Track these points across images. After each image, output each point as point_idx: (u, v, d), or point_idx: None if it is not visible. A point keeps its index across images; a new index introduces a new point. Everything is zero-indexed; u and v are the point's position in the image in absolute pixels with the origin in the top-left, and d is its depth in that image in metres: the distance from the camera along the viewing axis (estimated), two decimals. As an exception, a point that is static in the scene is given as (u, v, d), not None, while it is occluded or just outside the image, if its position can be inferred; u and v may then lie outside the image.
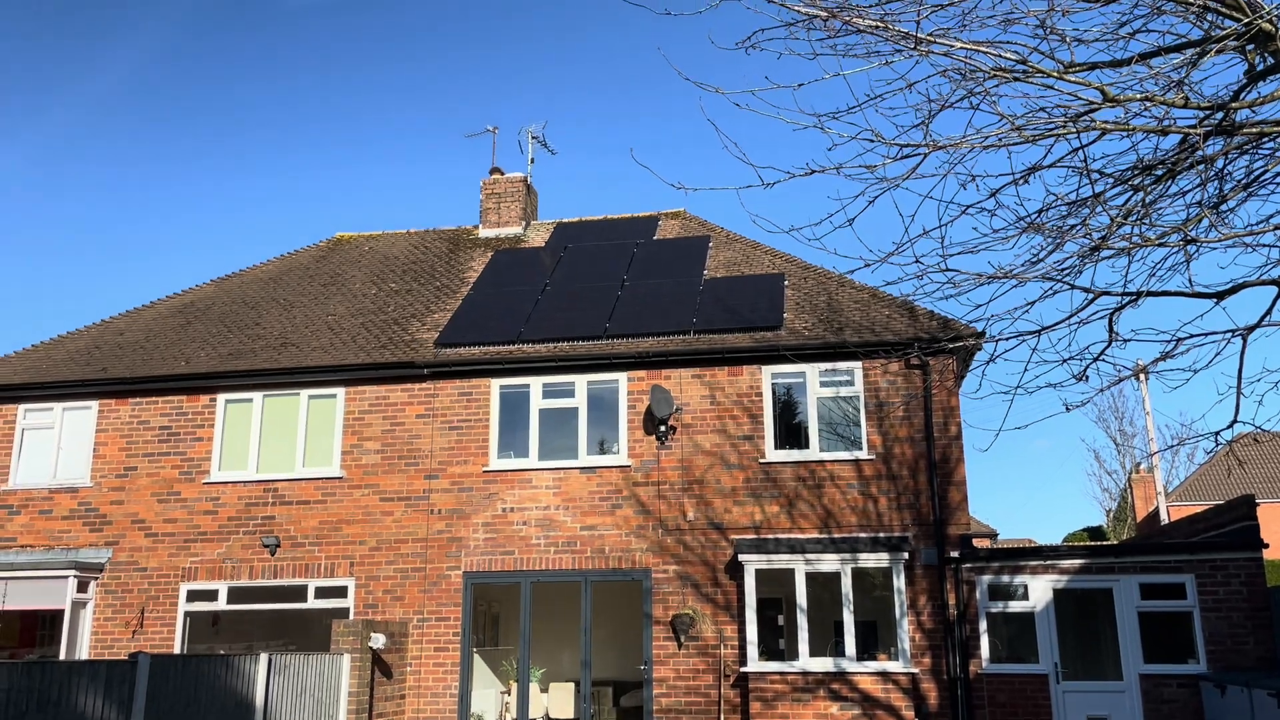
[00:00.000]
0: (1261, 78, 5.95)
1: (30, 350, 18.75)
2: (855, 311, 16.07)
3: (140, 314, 19.66)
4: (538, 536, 15.34)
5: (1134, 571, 13.66)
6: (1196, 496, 40.03)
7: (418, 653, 15.21)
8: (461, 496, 15.67)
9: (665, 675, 14.56)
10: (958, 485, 14.58)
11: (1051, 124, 5.93)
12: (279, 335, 17.74)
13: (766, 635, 15.00)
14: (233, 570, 15.93)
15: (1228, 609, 13.22)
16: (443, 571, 15.46)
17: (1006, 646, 14.03)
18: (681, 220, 20.43)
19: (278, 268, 20.87)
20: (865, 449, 14.88)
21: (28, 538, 16.61)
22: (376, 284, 19.44)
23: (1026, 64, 5.84)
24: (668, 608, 14.78)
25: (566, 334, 16.24)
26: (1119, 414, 52.24)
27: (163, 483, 16.50)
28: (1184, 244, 6.37)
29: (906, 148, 6.13)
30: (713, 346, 15.46)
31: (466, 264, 19.79)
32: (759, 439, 15.16)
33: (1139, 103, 5.83)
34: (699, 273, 17.73)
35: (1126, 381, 8.94)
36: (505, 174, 21.49)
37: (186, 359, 17.27)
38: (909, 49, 5.80)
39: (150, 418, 16.83)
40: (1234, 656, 13.04)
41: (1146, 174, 6.42)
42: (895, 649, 14.02)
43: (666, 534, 15.05)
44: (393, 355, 16.42)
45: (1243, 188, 6.47)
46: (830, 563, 14.15)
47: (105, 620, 16.05)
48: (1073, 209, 6.55)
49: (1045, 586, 13.89)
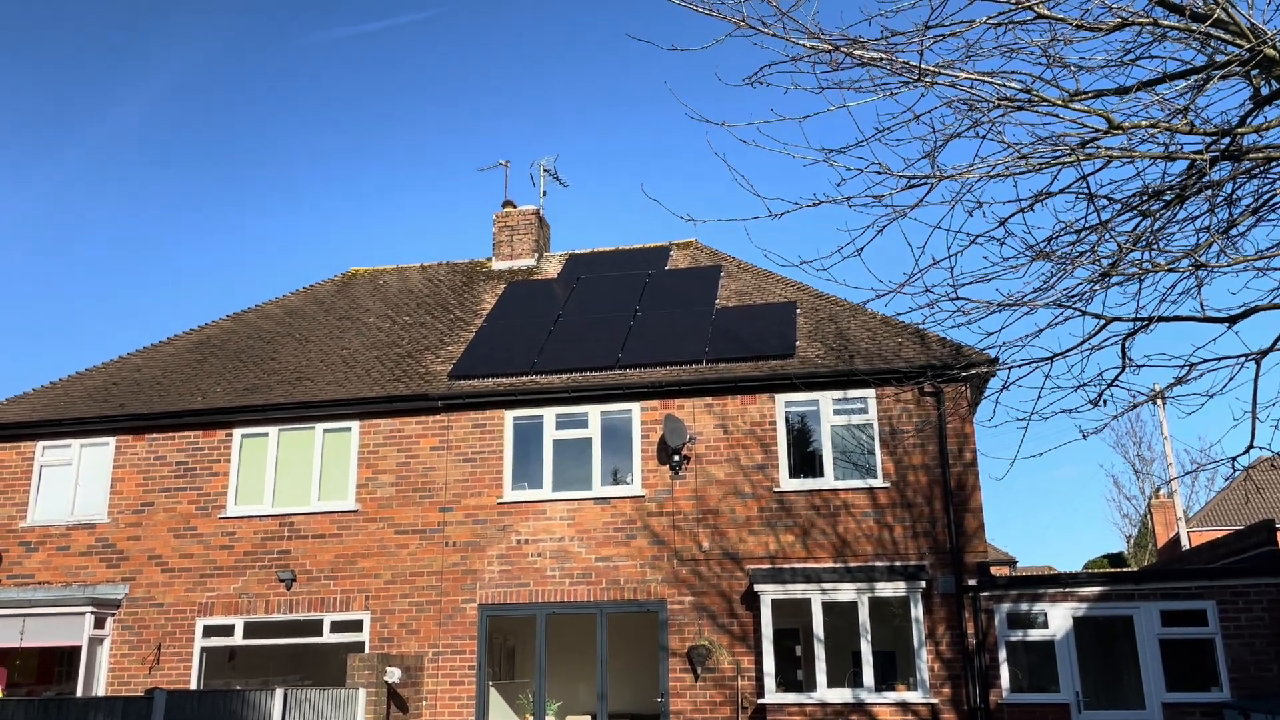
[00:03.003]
0: (1267, 102, 5.96)
1: (48, 387, 18.92)
2: (867, 339, 16.06)
3: (157, 350, 19.81)
4: (552, 568, 15.31)
5: (1155, 598, 13.52)
6: (1217, 521, 39.58)
7: (433, 686, 15.15)
8: (476, 529, 15.67)
9: (682, 708, 14.45)
10: (974, 513, 14.49)
11: (1057, 152, 5.96)
12: (294, 369, 17.85)
13: (784, 666, 14.88)
14: (249, 605, 15.94)
15: (1250, 635, 13.06)
16: (458, 604, 15.43)
17: (1027, 675, 13.88)
18: (693, 250, 20.50)
19: (293, 302, 21.03)
20: (880, 477, 14.81)
21: (45, 574, 16.67)
22: (391, 317, 19.55)
23: (1031, 93, 5.87)
24: (684, 639, 14.70)
25: (580, 365, 16.27)
26: (1137, 439, 51.80)
27: (179, 518, 16.56)
28: (1194, 269, 6.36)
29: (914, 179, 6.16)
30: (725, 376, 15.47)
31: (480, 296, 19.89)
32: (772, 468, 15.12)
33: (1144, 129, 5.85)
34: (711, 302, 17.77)
35: (1144, 406, 8.91)
36: (517, 207, 21.64)
37: (203, 394, 17.39)
38: (914, 81, 5.84)
39: (167, 453, 16.92)
40: (1258, 684, 12.86)
41: (1154, 200, 6.43)
42: (914, 679, 13.88)
43: (681, 564, 14.99)
44: (407, 388, 16.48)
45: (1252, 212, 6.47)
46: (847, 592, 14.05)
47: (122, 656, 16.06)
48: (1081, 235, 6.56)
49: (1065, 614, 13.76)
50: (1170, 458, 29.95)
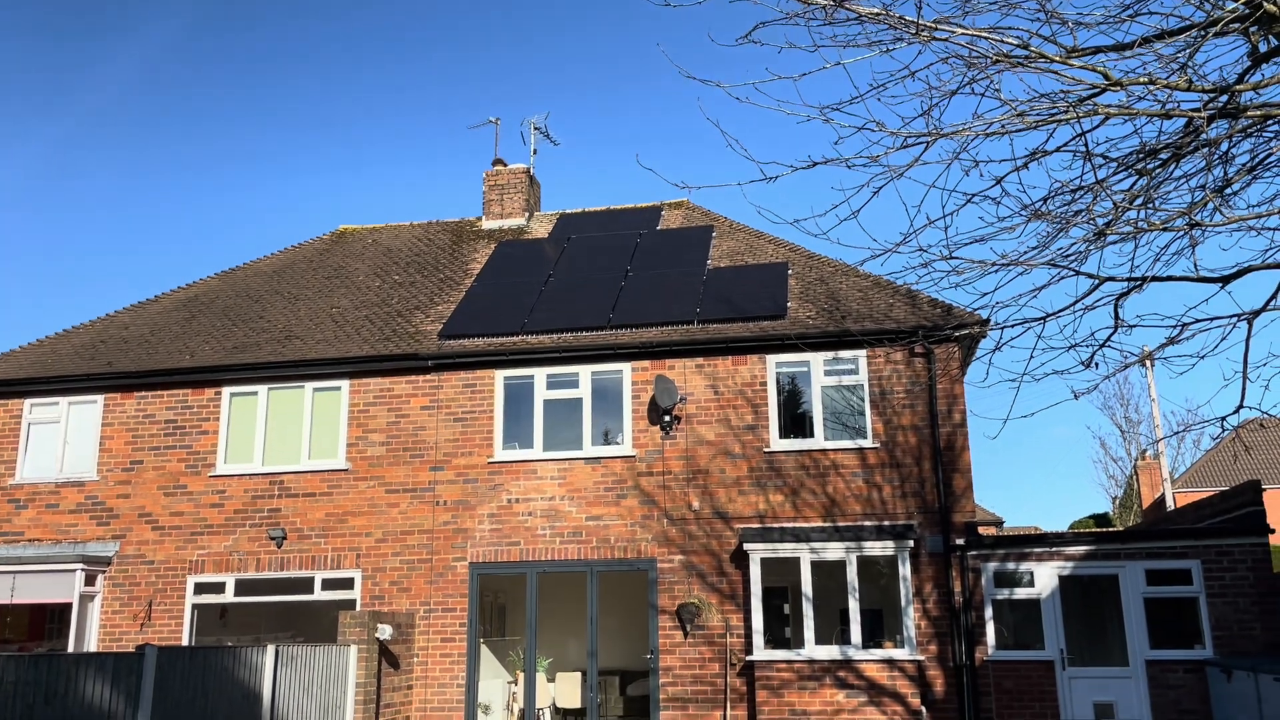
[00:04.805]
0: (1265, 60, 5.91)
1: (36, 345, 18.80)
2: (858, 300, 16.04)
3: (145, 308, 19.68)
4: (543, 527, 15.37)
5: (1140, 558, 13.65)
6: (1202, 483, 39.95)
7: (424, 643, 15.25)
8: (467, 488, 15.70)
9: (671, 664, 14.59)
10: (962, 473, 14.57)
11: (1054, 109, 5.91)
12: (283, 328, 17.76)
13: (772, 624, 15.01)
14: (239, 563, 15.98)
15: (1234, 594, 13.21)
16: (449, 563, 15.50)
17: (1012, 633, 14.03)
18: (685, 210, 20.40)
19: (282, 261, 20.88)
20: (869, 437, 14.87)
21: (35, 531, 16.67)
22: (380, 276, 19.44)
23: (1029, 49, 5.81)
24: (673, 597, 14.81)
25: (570, 325, 16.24)
26: (1125, 401, 52.06)
27: (169, 476, 16.55)
28: (1189, 228, 6.34)
29: (910, 137, 6.10)
30: (716, 336, 15.46)
31: (470, 256, 19.78)
32: (763, 428, 15.16)
33: (1142, 86, 5.79)
34: (702, 263, 17.71)
35: (1132, 368, 8.93)
36: (508, 165, 21.46)
37: (191, 352, 17.30)
38: (911, 36, 5.77)
39: (156, 411, 16.87)
40: (1240, 642, 13.03)
41: (1150, 158, 6.39)
42: (901, 637, 14.03)
43: (671, 524, 15.06)
44: (397, 347, 16.43)
45: (1247, 171, 6.43)
46: (835, 551, 14.16)
47: (113, 613, 16.12)
48: (1077, 195, 6.52)
49: (1051, 573, 13.89)
50: (1157, 419, 30.16)
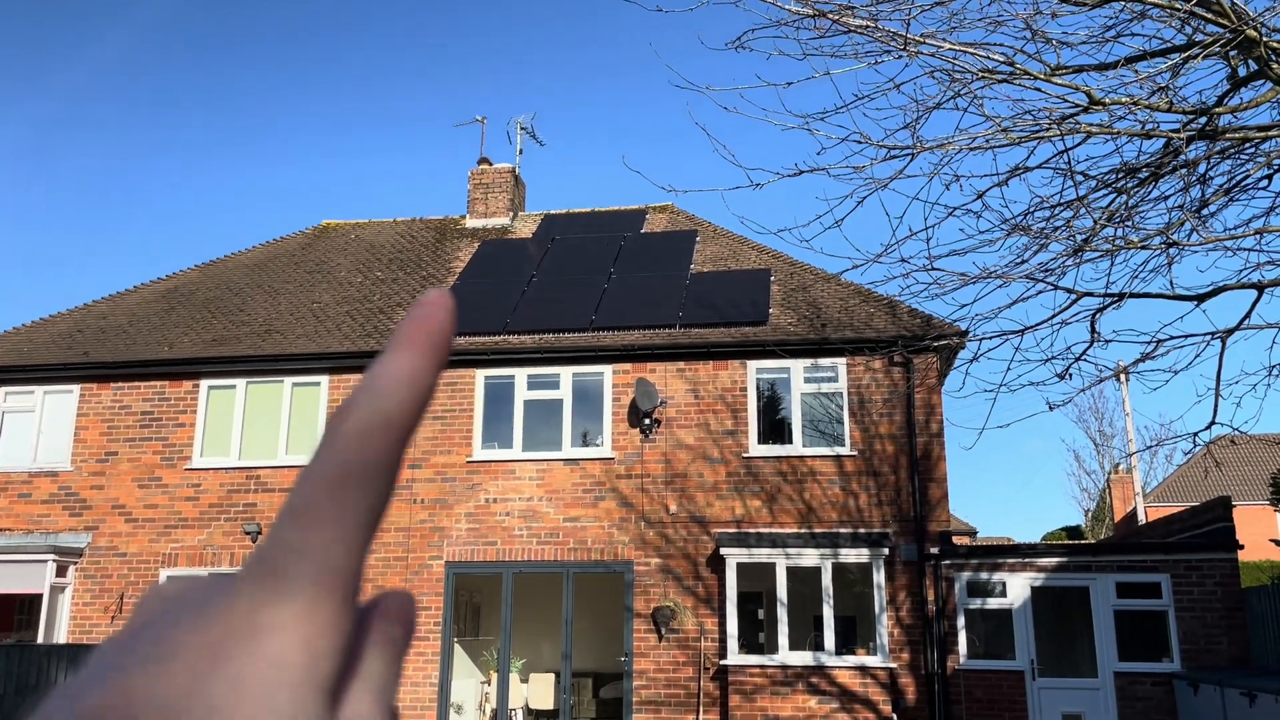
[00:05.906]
0: (1244, 83, 6.02)
1: (11, 333, 18.62)
2: (839, 309, 16.13)
3: (124, 298, 19.54)
4: (520, 528, 15.36)
5: (1111, 570, 13.78)
6: (1174, 498, 40.27)
7: (398, 642, 15.18)
8: (444, 486, 15.67)
9: (645, 667, 14.61)
10: (938, 482, 14.68)
11: (1037, 126, 5.99)
12: (263, 322, 17.67)
13: (747, 629, 15.07)
14: (214, 557, 15.88)
15: (1202, 609, 13.37)
16: (424, 561, 15.47)
17: (984, 643, 14.14)
18: (669, 214, 20.44)
19: (263, 254, 20.78)
20: (847, 445, 14.95)
21: (6, 521, 16.51)
22: (362, 272, 19.38)
23: (1013, 65, 5.89)
24: (649, 600, 14.83)
25: (552, 325, 16.24)
26: (1099, 414, 52.40)
27: (144, 468, 16.43)
28: (1166, 246, 6.44)
29: (895, 149, 6.17)
30: (698, 341, 15.50)
31: (453, 254, 19.75)
32: (742, 434, 15.21)
33: (1124, 106, 5.88)
34: (686, 267, 17.76)
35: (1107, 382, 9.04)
36: (493, 164, 21.43)
37: (169, 344, 17.19)
38: (898, 49, 5.83)
39: (132, 403, 16.75)
40: (1208, 656, 13.18)
41: (1130, 177, 6.49)
42: (874, 644, 14.11)
43: (649, 527, 15.09)
44: (377, 344, 16.38)
45: (1224, 192, 6.54)
46: (811, 558, 14.22)
47: (84, 605, 15.98)
48: (1057, 211, 6.61)
49: (1023, 584, 14.01)
50: (1131, 433, 30.45)
